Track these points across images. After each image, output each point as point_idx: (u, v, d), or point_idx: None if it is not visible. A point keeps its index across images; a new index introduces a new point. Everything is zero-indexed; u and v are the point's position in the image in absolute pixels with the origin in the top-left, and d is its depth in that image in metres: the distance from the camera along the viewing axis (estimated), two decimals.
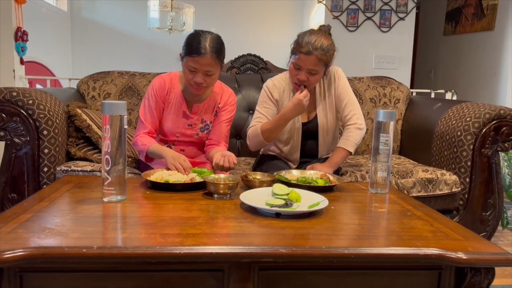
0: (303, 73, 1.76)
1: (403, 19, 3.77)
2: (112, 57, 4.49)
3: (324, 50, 1.72)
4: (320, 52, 1.71)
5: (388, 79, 2.61)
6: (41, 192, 1.31)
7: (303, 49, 1.72)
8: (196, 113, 1.79)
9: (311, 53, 1.71)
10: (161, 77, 1.78)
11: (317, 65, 1.74)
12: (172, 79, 1.78)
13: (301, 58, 1.73)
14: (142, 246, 0.91)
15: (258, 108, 1.89)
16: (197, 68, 1.63)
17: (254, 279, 0.96)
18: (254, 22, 4.67)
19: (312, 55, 1.71)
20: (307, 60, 1.73)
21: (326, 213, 1.19)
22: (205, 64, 1.62)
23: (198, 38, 1.63)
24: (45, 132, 1.77)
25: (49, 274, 0.92)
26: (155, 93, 1.75)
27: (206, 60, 1.61)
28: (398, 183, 1.90)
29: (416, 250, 0.96)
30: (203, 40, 1.62)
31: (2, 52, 2.61)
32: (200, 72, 1.64)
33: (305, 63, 1.73)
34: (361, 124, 1.85)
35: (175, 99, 1.76)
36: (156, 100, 1.75)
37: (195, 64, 1.62)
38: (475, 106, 2.01)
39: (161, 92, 1.75)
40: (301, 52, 1.73)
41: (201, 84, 1.65)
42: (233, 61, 2.71)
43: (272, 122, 1.79)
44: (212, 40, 1.63)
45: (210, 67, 1.63)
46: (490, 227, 2.00)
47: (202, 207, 1.22)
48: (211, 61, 1.62)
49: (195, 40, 1.63)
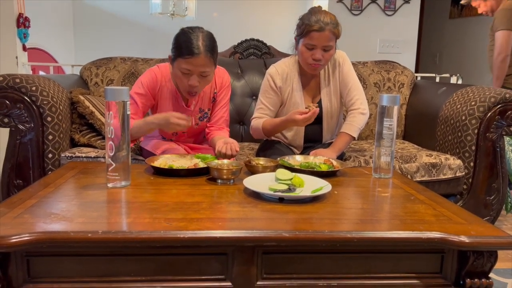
0: (318, 51, 1.75)
1: (408, 2, 3.71)
2: (114, 43, 4.47)
3: (334, 23, 1.74)
4: (332, 26, 1.72)
5: (393, 63, 2.59)
6: (46, 178, 1.32)
7: (315, 27, 1.71)
8: (192, 105, 1.75)
9: (323, 29, 1.71)
10: (152, 71, 1.68)
11: (331, 40, 1.74)
12: (163, 74, 1.69)
13: (314, 36, 1.72)
14: (146, 231, 0.91)
15: (260, 97, 1.89)
16: (191, 70, 1.53)
17: (258, 262, 0.97)
18: (257, 7, 4.61)
19: (325, 31, 1.71)
20: (320, 37, 1.72)
21: (329, 198, 1.20)
22: (199, 65, 1.53)
23: (189, 37, 1.52)
24: (49, 119, 1.78)
25: (55, 258, 0.93)
26: (147, 90, 1.66)
27: (200, 61, 1.52)
28: (402, 167, 1.90)
29: (419, 233, 0.96)
30: (195, 39, 1.51)
31: (4, 38, 2.60)
32: (194, 74, 1.54)
33: (319, 41, 1.73)
34: (365, 109, 1.84)
35: (169, 94, 1.69)
36: (146, 95, 1.66)
37: (188, 65, 1.52)
38: (480, 90, 1.99)
39: (153, 89, 1.67)
40: (313, 30, 1.71)
41: (196, 87, 1.57)
42: (236, 46, 2.68)
43: (273, 124, 1.82)
44: (204, 38, 1.53)
45: (205, 67, 1.54)
46: (494, 211, 2.00)
47: (206, 192, 1.22)
48: (206, 61, 1.53)
49: (187, 40, 1.51)
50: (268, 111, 1.87)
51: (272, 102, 1.87)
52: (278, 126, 1.81)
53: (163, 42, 4.46)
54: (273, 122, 1.82)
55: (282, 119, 1.76)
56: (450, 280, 1.02)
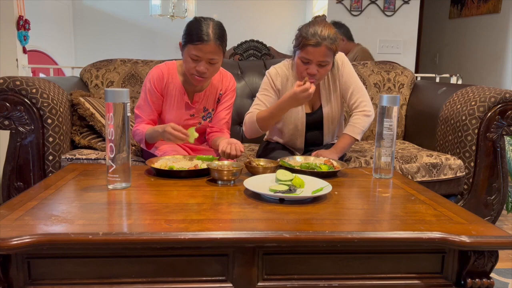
0: (313, 67, 1.69)
1: (408, 2, 3.72)
2: (114, 45, 4.47)
3: (332, 39, 1.67)
4: (329, 41, 1.65)
5: (392, 63, 2.59)
6: (46, 180, 1.32)
7: (311, 41, 1.65)
8: (197, 102, 1.77)
9: (320, 44, 1.64)
10: (158, 68, 1.73)
11: (327, 56, 1.67)
12: (170, 70, 1.73)
13: (310, 51, 1.66)
14: (147, 232, 0.91)
15: (258, 95, 1.86)
16: (200, 56, 1.58)
17: (258, 263, 0.97)
18: (257, 8, 4.62)
19: (321, 46, 1.65)
20: (316, 52, 1.66)
21: (330, 198, 1.20)
22: (208, 52, 1.58)
23: (200, 25, 1.58)
24: (49, 121, 1.78)
25: (56, 260, 0.93)
26: (153, 86, 1.70)
27: (210, 48, 1.57)
28: (402, 168, 1.90)
29: (420, 234, 0.96)
30: (205, 27, 1.57)
31: (5, 41, 2.61)
32: (203, 61, 1.59)
33: (315, 56, 1.67)
34: (370, 111, 1.80)
35: (175, 90, 1.72)
36: (154, 93, 1.70)
37: (198, 52, 1.57)
38: (480, 90, 1.99)
39: (160, 85, 1.71)
40: (309, 45, 1.65)
41: (204, 73, 1.61)
42: (235, 47, 2.69)
43: (268, 110, 1.74)
44: (214, 26, 1.59)
45: (214, 54, 1.59)
46: (495, 211, 2.00)
47: (206, 193, 1.22)
48: (215, 48, 1.58)
49: (197, 27, 1.57)
50: (264, 107, 1.81)
51: (270, 100, 1.82)
52: (274, 111, 1.71)
53: (163, 43, 4.49)
54: (268, 108, 1.74)
55: (279, 100, 1.69)
56: (451, 280, 1.02)
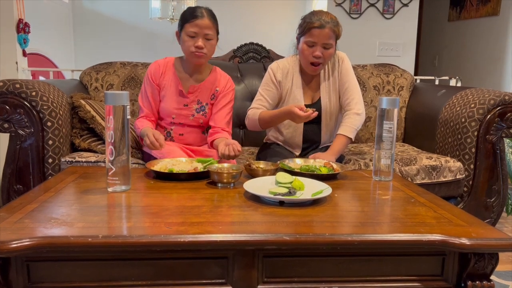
0: (318, 49, 1.77)
1: (407, 5, 3.72)
2: (114, 48, 4.47)
3: (335, 22, 1.78)
4: (332, 24, 1.76)
5: (392, 66, 2.59)
6: (46, 183, 1.32)
7: (316, 24, 1.75)
8: (192, 93, 1.82)
9: (324, 26, 1.74)
10: (156, 62, 1.84)
11: (331, 38, 1.77)
12: (167, 63, 1.83)
13: (315, 33, 1.76)
14: (147, 235, 0.91)
15: (260, 90, 1.92)
16: (197, 32, 1.69)
17: (258, 266, 0.97)
18: (256, 11, 4.63)
19: (326, 28, 1.75)
20: (321, 34, 1.75)
21: (330, 201, 1.20)
22: (204, 27, 1.69)
23: (193, 8, 1.74)
24: (49, 124, 1.78)
25: (56, 263, 0.93)
26: (150, 78, 1.80)
27: (205, 22, 1.69)
28: (402, 170, 1.90)
29: (420, 236, 0.96)
30: (198, 8, 1.72)
31: (4, 44, 2.61)
32: (200, 37, 1.70)
33: (319, 38, 1.76)
34: (359, 109, 1.85)
35: (170, 81, 1.81)
36: (151, 84, 1.80)
37: (194, 28, 1.69)
38: (480, 92, 1.99)
39: (156, 76, 1.81)
40: (314, 27, 1.75)
41: (202, 48, 1.70)
42: (235, 50, 2.69)
43: (270, 115, 1.83)
44: (206, 8, 1.74)
45: (209, 30, 1.71)
46: (495, 213, 2.00)
47: (206, 196, 1.22)
48: (210, 23, 1.70)
49: (191, 10, 1.73)
50: (266, 103, 1.89)
51: (271, 95, 1.89)
52: (276, 117, 1.81)
53: (163, 46, 4.48)
54: (271, 113, 1.84)
55: (280, 110, 1.78)
56: (451, 282, 1.01)
